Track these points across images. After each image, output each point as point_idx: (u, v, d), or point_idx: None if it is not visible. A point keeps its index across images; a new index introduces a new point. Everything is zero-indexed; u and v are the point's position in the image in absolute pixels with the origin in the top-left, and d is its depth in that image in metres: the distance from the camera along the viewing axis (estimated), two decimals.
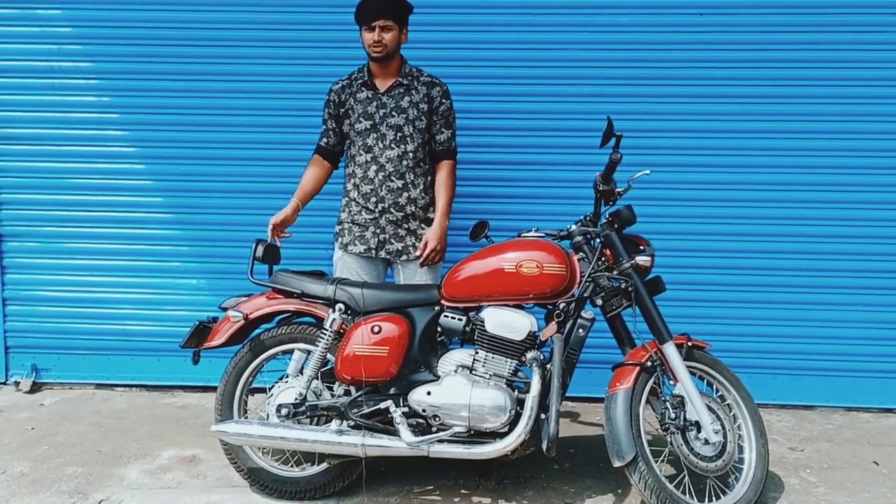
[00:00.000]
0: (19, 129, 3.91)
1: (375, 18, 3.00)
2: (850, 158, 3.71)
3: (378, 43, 3.02)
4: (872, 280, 3.75)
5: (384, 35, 3.01)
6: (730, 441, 2.72)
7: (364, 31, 3.05)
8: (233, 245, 3.80)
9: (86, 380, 4.02)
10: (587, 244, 2.81)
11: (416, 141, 3.12)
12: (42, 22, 3.84)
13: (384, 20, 3.00)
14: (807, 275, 3.76)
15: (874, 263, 3.74)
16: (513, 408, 2.66)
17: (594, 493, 2.93)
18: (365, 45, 3.07)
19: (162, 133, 3.87)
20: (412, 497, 2.88)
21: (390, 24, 3.02)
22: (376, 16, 3.00)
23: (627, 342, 2.82)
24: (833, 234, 3.74)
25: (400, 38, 3.07)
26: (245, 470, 2.87)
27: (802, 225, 3.74)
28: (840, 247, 3.74)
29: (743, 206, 3.75)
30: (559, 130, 3.76)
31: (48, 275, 3.97)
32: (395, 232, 3.14)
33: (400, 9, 3.06)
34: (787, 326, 3.78)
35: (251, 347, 2.91)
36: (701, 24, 3.69)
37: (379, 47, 3.02)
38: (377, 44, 3.02)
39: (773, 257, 3.76)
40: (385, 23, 3.00)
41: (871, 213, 3.72)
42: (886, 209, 3.72)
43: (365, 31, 3.05)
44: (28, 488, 2.94)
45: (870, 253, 3.74)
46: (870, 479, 3.09)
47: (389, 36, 3.02)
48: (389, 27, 3.02)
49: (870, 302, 3.76)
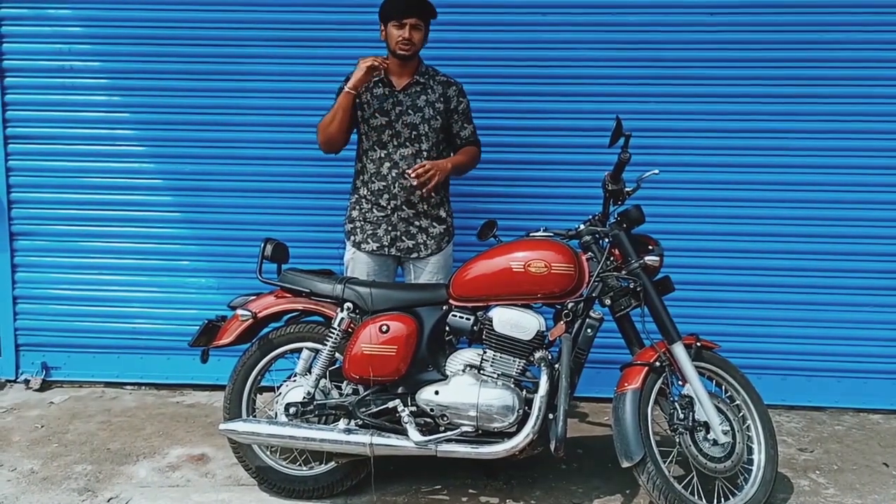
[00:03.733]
0: (30, 128, 3.92)
1: (409, 15, 2.97)
2: (862, 158, 3.67)
3: (407, 41, 2.99)
4: (883, 281, 3.71)
5: (414, 34, 3.00)
6: (739, 442, 2.71)
7: (392, 26, 3.01)
8: (242, 244, 3.80)
9: (95, 378, 4.03)
10: (596, 244, 2.80)
11: (431, 140, 3.12)
12: (53, 22, 3.85)
13: (416, 19, 2.99)
14: (816, 275, 3.73)
15: (884, 264, 3.71)
16: (521, 408, 2.66)
17: (602, 494, 2.93)
18: (390, 42, 3.03)
19: (172, 132, 3.88)
20: (420, 496, 2.88)
21: (421, 23, 3.01)
22: (410, 12, 2.97)
23: (636, 342, 2.81)
24: (842, 235, 3.71)
25: (425, 38, 3.07)
26: (253, 469, 2.88)
27: (811, 225, 3.71)
28: (849, 247, 3.71)
29: (752, 207, 3.72)
30: (568, 130, 3.75)
31: (58, 273, 3.98)
32: (407, 229, 3.14)
33: (430, 10, 3.05)
34: (797, 327, 3.76)
35: (260, 346, 2.92)
36: (710, 24, 3.66)
37: (407, 45, 3.00)
38: (406, 41, 2.99)
39: (783, 257, 3.73)
40: (417, 21, 2.99)
41: (882, 213, 3.69)
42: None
43: (393, 27, 3.01)
44: (38, 486, 2.96)
45: (880, 253, 3.70)
46: (880, 480, 3.07)
47: (418, 36, 3.01)
48: (420, 27, 3.01)
49: (880, 303, 3.73)
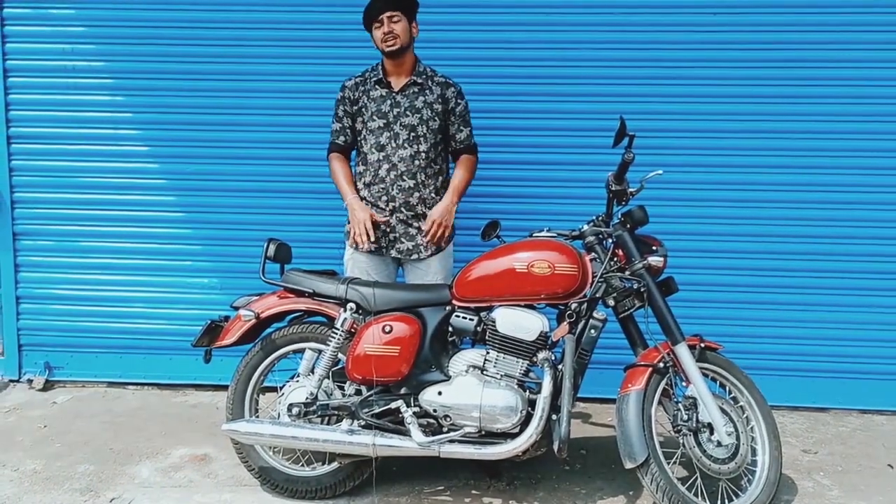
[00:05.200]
0: (33, 128, 3.92)
1: (382, 11, 2.99)
2: (866, 159, 3.66)
3: (389, 34, 2.99)
4: (887, 281, 3.71)
5: (394, 26, 2.99)
6: (742, 443, 2.70)
7: (374, 29, 3.03)
8: (244, 244, 3.80)
9: (98, 378, 4.03)
10: (599, 244, 2.79)
11: (430, 141, 3.11)
12: (55, 22, 3.86)
13: (391, 12, 2.99)
14: (821, 276, 3.72)
15: (889, 265, 3.70)
16: (524, 408, 2.65)
17: (605, 495, 2.92)
18: (377, 44, 3.05)
19: (174, 132, 3.88)
20: (423, 497, 2.88)
21: (398, 14, 3.00)
22: (384, 8, 2.98)
23: (640, 343, 2.80)
24: (847, 236, 3.70)
25: (410, 30, 3.05)
26: (256, 469, 2.87)
27: (816, 226, 3.71)
28: (854, 248, 3.70)
29: (756, 207, 3.72)
30: (571, 130, 3.75)
31: (61, 273, 3.98)
32: (406, 231, 3.13)
33: (406, 2, 3.03)
34: (801, 328, 3.75)
35: (262, 346, 2.91)
36: (714, 24, 3.66)
37: (391, 38, 3.00)
38: (389, 34, 2.99)
39: (788, 258, 3.72)
40: (392, 14, 2.99)
41: (887, 213, 3.68)
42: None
43: (375, 30, 3.03)
44: (40, 486, 2.96)
45: (885, 254, 3.69)
46: (884, 482, 3.06)
47: (399, 26, 3.00)
48: (397, 18, 3.00)
49: (885, 304, 3.72)
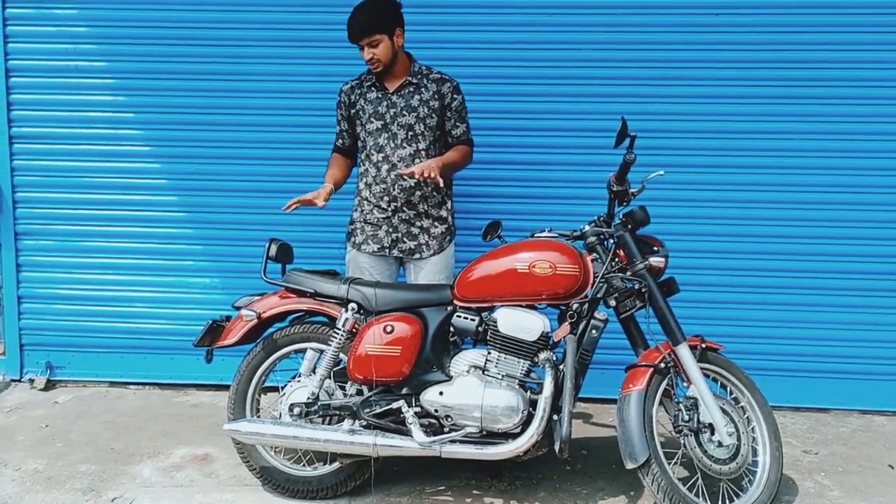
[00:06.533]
0: (35, 128, 3.92)
1: (360, 38, 2.99)
2: (871, 160, 3.66)
3: (371, 60, 3.02)
4: (888, 282, 3.70)
5: (373, 51, 3.00)
6: (743, 444, 2.70)
7: (359, 49, 3.04)
8: (246, 244, 3.80)
9: (99, 378, 4.03)
10: (601, 245, 2.80)
11: (428, 139, 3.12)
12: (57, 21, 3.86)
13: (367, 38, 2.98)
14: (822, 277, 3.72)
15: (890, 265, 3.70)
16: (525, 409, 2.65)
17: (606, 495, 2.92)
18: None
19: (176, 132, 3.88)
20: (424, 497, 2.88)
21: (376, 38, 2.98)
22: (360, 36, 2.99)
23: (641, 343, 2.81)
24: (849, 236, 3.69)
25: (394, 43, 3.03)
26: (257, 469, 2.88)
27: (818, 227, 3.70)
28: (855, 249, 3.70)
29: (758, 208, 3.71)
30: (572, 131, 3.74)
31: (63, 273, 3.98)
32: (408, 230, 3.14)
33: (380, 20, 2.99)
34: (802, 328, 3.74)
35: (264, 346, 2.92)
36: (715, 25, 3.66)
37: (374, 63, 3.03)
38: (371, 61, 3.02)
39: (789, 259, 3.72)
40: (370, 39, 2.98)
41: (888, 214, 3.68)
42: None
43: (360, 50, 3.04)
44: (42, 485, 2.96)
45: (886, 255, 3.69)
46: (885, 482, 3.07)
47: (379, 49, 3.00)
48: (376, 41, 2.98)
49: (885, 304, 3.71)
